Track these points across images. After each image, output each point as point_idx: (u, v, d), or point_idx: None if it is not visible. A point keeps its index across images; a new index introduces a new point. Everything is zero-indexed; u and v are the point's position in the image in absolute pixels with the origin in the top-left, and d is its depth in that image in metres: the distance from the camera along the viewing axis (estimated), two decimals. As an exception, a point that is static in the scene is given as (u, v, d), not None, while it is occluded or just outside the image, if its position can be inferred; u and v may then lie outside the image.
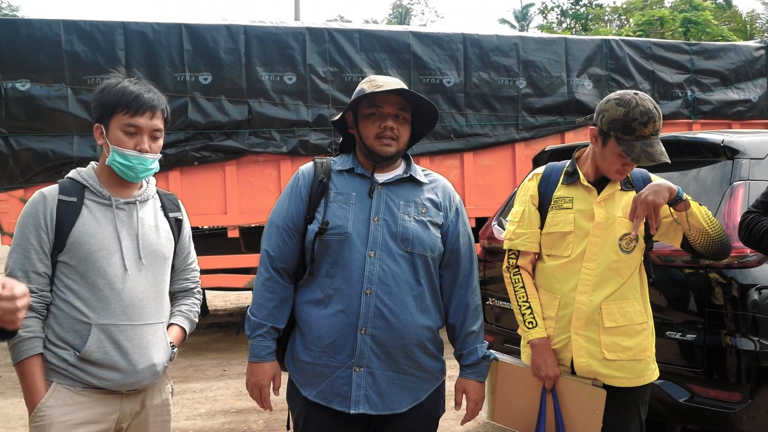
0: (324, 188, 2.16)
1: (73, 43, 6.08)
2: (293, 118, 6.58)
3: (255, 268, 6.62)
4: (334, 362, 2.09)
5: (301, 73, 6.60)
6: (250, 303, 2.24)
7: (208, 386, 5.43)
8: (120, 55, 6.17)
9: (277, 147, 6.53)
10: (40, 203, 2.00)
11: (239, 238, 6.67)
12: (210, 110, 6.38)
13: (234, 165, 6.47)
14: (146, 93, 2.06)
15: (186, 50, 6.32)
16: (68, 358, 1.96)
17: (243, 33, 6.48)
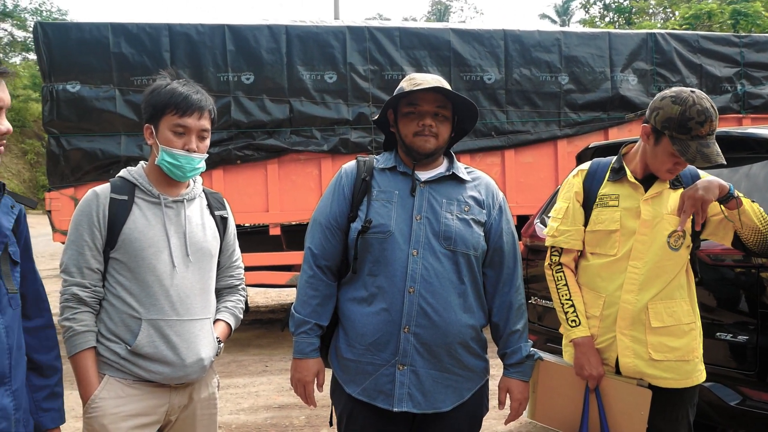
0: (367, 186, 2.17)
1: (120, 45, 6.25)
2: (334, 117, 6.63)
3: (296, 265, 6.75)
4: (377, 360, 2.10)
5: (341, 72, 6.64)
6: (291, 300, 2.26)
7: (250, 381, 5.51)
8: (165, 56, 6.32)
9: (317, 145, 6.59)
10: (93, 201, 2.06)
11: (281, 235, 6.76)
12: (252, 109, 6.48)
13: (276, 163, 6.56)
14: (194, 94, 2.11)
15: (229, 50, 6.43)
16: (120, 351, 2.02)
17: (284, 33, 6.56)
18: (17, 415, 1.62)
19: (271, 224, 6.67)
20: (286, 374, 5.71)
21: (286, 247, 6.90)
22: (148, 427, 2.04)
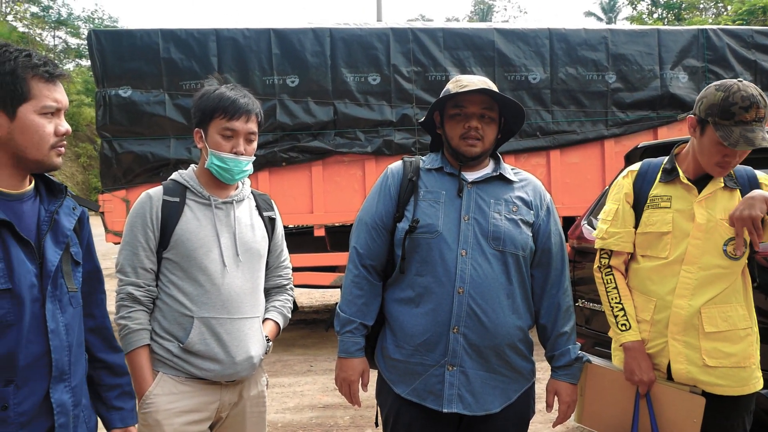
0: (413, 187, 2.18)
1: (170, 50, 6.41)
2: (378, 118, 6.67)
3: (340, 266, 6.80)
4: (427, 360, 2.10)
5: (385, 74, 6.67)
6: (335, 300, 2.29)
7: (295, 381, 5.58)
8: (213, 60, 6.45)
9: (361, 147, 6.63)
10: (147, 203, 2.12)
11: (325, 236, 6.82)
12: (297, 112, 6.56)
13: (320, 165, 6.62)
14: (242, 98, 2.15)
15: (274, 54, 6.53)
16: (173, 349, 2.07)
17: (329, 35, 6.62)
18: (75, 411, 1.68)
19: (315, 225, 6.74)
20: (331, 374, 5.76)
21: (330, 248, 6.96)
22: (199, 423, 2.10)
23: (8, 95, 1.54)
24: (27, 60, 1.56)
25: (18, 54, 1.56)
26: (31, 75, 1.56)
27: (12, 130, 1.55)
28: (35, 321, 1.58)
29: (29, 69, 1.55)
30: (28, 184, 1.67)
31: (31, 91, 1.56)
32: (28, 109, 1.56)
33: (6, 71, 1.53)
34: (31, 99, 1.56)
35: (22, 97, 1.55)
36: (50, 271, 1.61)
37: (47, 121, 1.59)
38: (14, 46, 1.60)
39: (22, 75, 1.54)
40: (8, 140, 1.56)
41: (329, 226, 6.87)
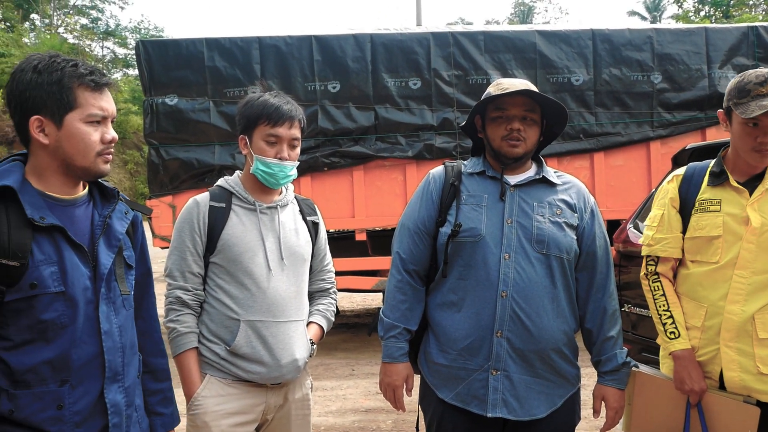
0: (455, 191, 2.18)
1: (214, 59, 6.54)
2: (418, 123, 6.67)
3: (382, 270, 6.80)
4: (470, 365, 2.10)
5: (425, 78, 6.67)
6: (376, 304, 2.30)
7: (338, 385, 5.61)
8: (256, 68, 6.56)
9: (402, 151, 6.64)
10: (194, 209, 2.17)
11: (366, 241, 6.85)
12: (338, 117, 6.62)
13: (361, 170, 6.66)
14: (285, 105, 2.19)
15: (316, 60, 6.59)
16: (220, 352, 2.11)
17: (369, 41, 6.66)
18: (128, 411, 1.73)
19: (357, 230, 6.77)
20: (373, 378, 5.78)
21: (371, 252, 6.98)
22: (246, 425, 2.13)
23: (55, 104, 1.59)
24: (73, 70, 1.61)
25: (65, 64, 1.61)
26: (77, 84, 1.60)
27: (59, 137, 1.61)
28: (89, 323, 1.63)
29: (75, 78, 1.60)
30: (81, 189, 1.72)
31: (77, 99, 1.60)
32: (74, 118, 1.60)
33: (53, 81, 1.58)
34: (77, 107, 1.60)
35: (69, 106, 1.60)
36: (103, 274, 1.67)
37: (93, 128, 1.63)
38: (63, 57, 1.65)
39: (68, 84, 1.59)
40: (56, 148, 1.61)
41: (370, 230, 6.90)
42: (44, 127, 1.60)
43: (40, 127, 1.60)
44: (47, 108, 1.59)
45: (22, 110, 1.61)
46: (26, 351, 1.57)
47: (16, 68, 1.64)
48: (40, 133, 1.61)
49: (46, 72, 1.59)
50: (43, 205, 1.60)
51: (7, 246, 1.53)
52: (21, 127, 1.63)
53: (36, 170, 1.64)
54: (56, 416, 1.58)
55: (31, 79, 1.59)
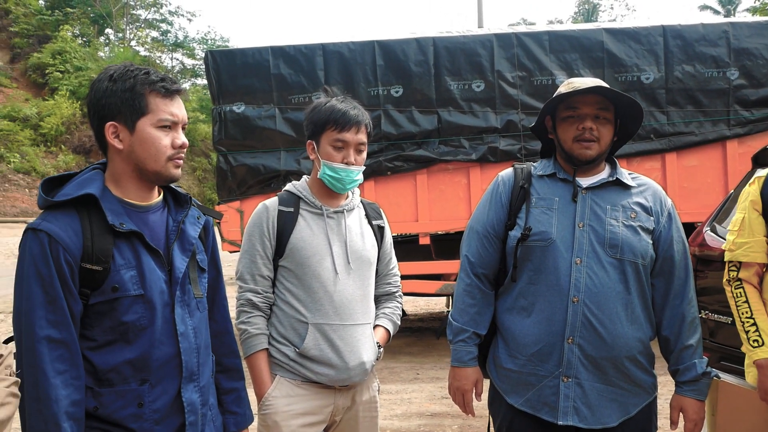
0: (525, 194, 2.14)
1: (279, 66, 6.67)
2: (482, 125, 6.61)
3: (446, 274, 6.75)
4: (541, 371, 2.05)
5: (489, 80, 6.61)
6: (439, 309, 2.28)
7: (402, 388, 5.60)
8: (320, 74, 6.65)
9: (466, 154, 6.59)
10: (264, 214, 2.21)
11: (430, 245, 6.83)
12: (401, 121, 6.63)
13: (425, 173, 6.65)
14: (352, 110, 2.20)
15: (378, 65, 6.63)
16: (289, 353, 2.15)
17: (432, 45, 6.65)
18: (203, 410, 1.78)
19: (420, 234, 6.76)
20: (438, 382, 5.75)
21: (435, 256, 6.96)
22: (315, 426, 2.15)
23: (128, 110, 1.66)
24: (145, 77, 1.67)
25: (138, 72, 1.68)
26: (149, 90, 1.66)
27: (132, 142, 1.67)
28: (166, 324, 1.69)
29: (147, 85, 1.66)
30: (156, 195, 1.79)
31: (149, 105, 1.66)
32: (145, 123, 1.66)
33: (126, 88, 1.65)
34: (148, 113, 1.66)
35: (141, 111, 1.66)
36: (178, 277, 1.72)
37: (164, 133, 1.68)
38: (136, 66, 1.72)
39: (140, 91, 1.65)
40: (130, 152, 1.68)
41: (434, 234, 6.87)
42: (118, 132, 1.67)
43: (115, 132, 1.67)
44: (121, 114, 1.66)
45: (99, 117, 1.69)
46: (109, 351, 1.63)
47: (95, 78, 1.72)
48: (115, 139, 1.67)
49: (120, 80, 1.66)
50: (122, 211, 1.67)
51: (91, 251, 1.60)
52: (99, 133, 1.71)
53: (114, 177, 1.71)
54: (137, 414, 1.64)
55: (107, 87, 1.67)
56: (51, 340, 1.54)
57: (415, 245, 6.88)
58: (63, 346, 1.55)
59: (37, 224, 1.59)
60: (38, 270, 1.56)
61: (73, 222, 1.61)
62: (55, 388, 1.52)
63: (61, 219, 1.61)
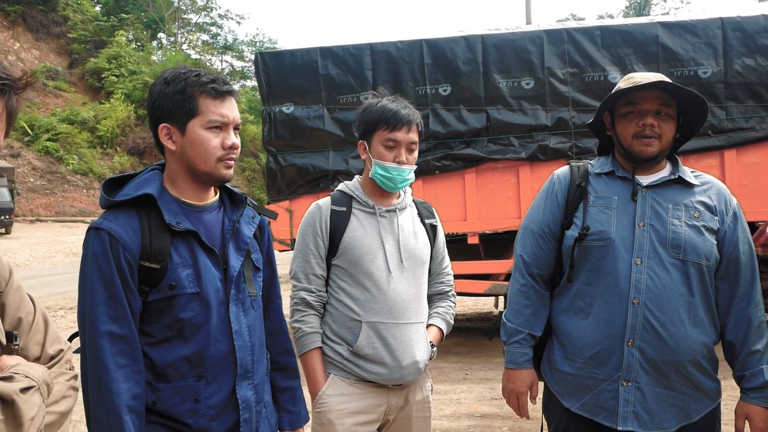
0: (582, 192, 2.09)
1: (328, 67, 6.71)
2: (532, 123, 6.51)
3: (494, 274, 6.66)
4: (599, 374, 2.00)
5: (539, 77, 6.51)
6: (487, 309, 2.25)
7: (451, 389, 5.57)
8: (368, 74, 6.66)
9: (515, 153, 6.51)
10: (317, 213, 2.23)
11: (479, 244, 6.77)
12: (449, 120, 6.59)
13: (473, 172, 6.59)
14: (403, 109, 2.19)
15: (426, 64, 6.61)
16: (342, 352, 2.15)
17: (480, 42, 6.59)
18: (258, 407, 1.80)
19: (469, 233, 6.70)
20: (487, 383, 5.69)
21: (484, 255, 6.89)
22: (368, 425, 2.16)
23: (179, 112, 1.68)
24: (196, 79, 1.69)
25: (189, 74, 1.70)
26: (199, 92, 1.68)
27: (184, 143, 1.70)
28: (221, 322, 1.71)
29: (197, 87, 1.68)
30: (212, 195, 1.81)
31: (199, 107, 1.68)
32: (195, 124, 1.69)
33: (178, 90, 1.68)
34: (198, 114, 1.68)
35: (191, 113, 1.68)
36: (233, 276, 1.74)
37: (214, 135, 1.70)
38: (188, 68, 1.74)
39: (190, 92, 1.68)
40: (182, 153, 1.71)
41: (483, 233, 6.81)
42: (171, 134, 1.70)
43: (168, 134, 1.71)
44: (173, 116, 1.69)
45: (154, 119, 1.72)
46: (167, 347, 1.67)
47: (153, 81, 1.76)
48: (168, 140, 1.71)
49: (173, 82, 1.69)
50: (178, 211, 1.70)
51: (150, 250, 1.63)
52: (155, 134, 1.74)
53: (170, 177, 1.74)
54: (193, 409, 1.67)
55: (161, 90, 1.70)
56: (112, 335, 1.58)
57: (464, 245, 6.82)
58: (124, 342, 1.59)
59: (98, 223, 1.64)
60: (100, 268, 1.60)
61: (132, 221, 1.65)
62: (117, 382, 1.56)
63: (121, 218, 1.65)
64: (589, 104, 6.40)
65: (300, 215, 6.46)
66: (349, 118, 6.63)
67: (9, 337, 1.21)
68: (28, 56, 34.16)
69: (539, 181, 6.37)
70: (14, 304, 1.28)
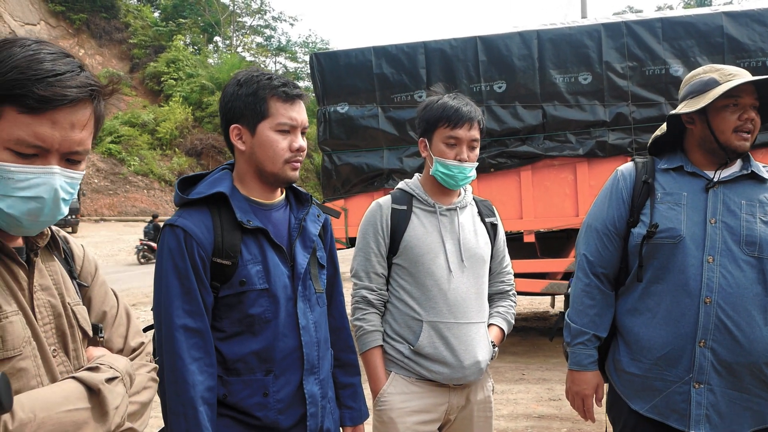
0: (649, 189, 2.03)
1: (382, 66, 6.73)
2: (589, 119, 6.37)
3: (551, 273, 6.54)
4: (669, 376, 1.95)
5: (596, 72, 6.36)
6: (543, 308, 2.22)
7: (508, 389, 5.51)
8: (422, 72, 6.65)
9: (572, 150, 6.38)
10: (378, 212, 2.24)
11: (535, 242, 6.68)
12: (505, 117, 6.51)
13: (529, 170, 6.50)
14: (464, 106, 2.18)
15: (481, 61, 6.55)
16: (404, 350, 2.16)
17: (536, 38, 6.49)
18: (323, 402, 1.82)
19: (525, 231, 6.62)
20: (544, 383, 5.62)
21: (540, 254, 6.79)
22: (429, 424, 2.15)
23: (250, 113, 1.73)
24: (268, 82, 1.73)
25: (262, 77, 1.75)
26: (270, 95, 1.72)
27: (253, 144, 1.74)
28: (289, 318, 1.75)
29: (269, 90, 1.72)
30: (279, 194, 1.85)
31: (269, 109, 1.72)
32: (265, 126, 1.73)
33: (250, 92, 1.72)
34: (268, 117, 1.73)
35: (262, 115, 1.72)
36: (300, 273, 1.78)
37: (282, 137, 1.74)
38: (260, 71, 1.79)
39: (262, 95, 1.72)
40: (251, 154, 1.75)
41: (539, 231, 6.71)
42: (241, 134, 1.75)
43: (239, 134, 1.75)
44: (244, 117, 1.74)
45: (226, 120, 1.78)
46: (237, 342, 1.71)
47: (227, 83, 1.81)
48: (238, 141, 1.75)
49: (245, 85, 1.74)
50: (248, 209, 1.74)
51: (222, 247, 1.68)
52: (226, 135, 1.80)
53: (239, 176, 1.79)
54: (262, 402, 1.71)
55: (234, 91, 1.75)
56: (187, 328, 1.63)
57: (520, 243, 6.74)
58: (198, 335, 1.64)
59: (174, 220, 1.70)
60: (175, 263, 1.66)
61: (206, 218, 1.70)
62: (192, 374, 1.61)
63: (194, 215, 1.70)
64: (650, 98, 6.23)
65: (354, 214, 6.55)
66: (403, 116, 6.64)
67: (95, 329, 1.26)
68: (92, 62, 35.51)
69: (597, 179, 6.23)
70: (99, 298, 1.34)
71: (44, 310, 1.16)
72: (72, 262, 1.31)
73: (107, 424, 1.09)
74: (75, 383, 1.09)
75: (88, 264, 1.35)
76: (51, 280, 1.20)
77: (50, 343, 1.15)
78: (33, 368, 1.09)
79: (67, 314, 1.20)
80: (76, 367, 1.18)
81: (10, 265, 1.13)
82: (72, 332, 1.20)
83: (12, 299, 1.10)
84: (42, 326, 1.14)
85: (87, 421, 1.06)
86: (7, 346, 1.06)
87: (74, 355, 1.19)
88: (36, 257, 1.18)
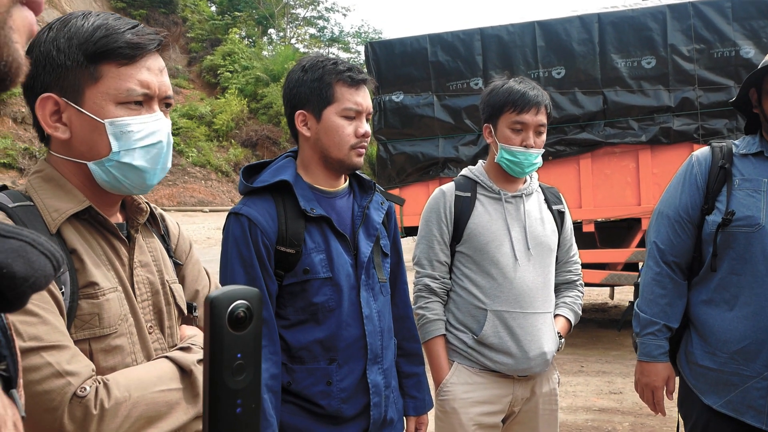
0: (726, 174, 1.94)
1: (437, 54, 6.66)
2: (653, 105, 6.15)
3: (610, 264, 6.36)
4: (746, 371, 1.87)
5: (661, 55, 6.13)
6: (602, 299, 2.14)
7: (566, 381, 5.41)
8: (478, 59, 6.55)
9: (635, 136, 6.18)
10: (441, 199, 2.21)
11: (594, 232, 6.51)
12: (563, 104, 6.35)
13: (589, 158, 6.33)
14: (531, 90, 2.13)
15: (539, 47, 6.40)
16: (467, 340, 2.13)
17: (596, 21, 6.30)
18: (386, 392, 1.82)
19: (584, 221, 6.45)
20: (604, 376, 5.49)
21: (599, 244, 6.62)
22: (493, 415, 2.12)
23: (316, 99, 1.72)
24: (333, 67, 1.72)
25: (327, 62, 1.73)
26: (336, 80, 1.71)
27: (318, 130, 1.73)
28: (352, 307, 1.74)
29: (334, 75, 1.71)
30: (343, 182, 1.84)
31: (335, 94, 1.71)
32: (331, 111, 1.72)
33: (315, 78, 1.71)
34: (334, 102, 1.71)
35: (327, 101, 1.71)
36: (363, 261, 1.77)
37: (348, 122, 1.73)
38: (325, 57, 1.77)
39: (327, 80, 1.71)
40: (316, 140, 1.74)
41: (599, 221, 6.54)
42: (307, 120, 1.75)
43: (304, 120, 1.75)
44: (310, 103, 1.73)
45: (290, 106, 1.77)
46: (301, 330, 1.72)
47: (290, 69, 1.81)
48: (303, 127, 1.75)
49: (310, 70, 1.73)
50: (312, 197, 1.74)
51: (285, 235, 1.69)
52: (290, 121, 1.79)
53: (303, 164, 1.79)
54: (326, 391, 1.71)
55: (299, 77, 1.74)
56: None
57: (579, 233, 6.56)
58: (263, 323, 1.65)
59: (238, 209, 1.71)
60: (240, 251, 1.67)
61: (270, 207, 1.71)
62: None
63: (259, 204, 1.71)
64: (718, 82, 5.96)
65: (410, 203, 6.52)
66: (459, 104, 6.56)
67: (189, 308, 1.28)
68: (151, 56, 36.38)
69: (661, 166, 6.02)
70: (192, 277, 1.35)
71: (143, 286, 1.18)
72: (168, 239, 1.32)
73: (198, 405, 1.10)
74: (168, 363, 1.11)
75: (183, 242, 1.37)
76: (151, 256, 1.22)
77: (147, 320, 1.17)
78: (128, 345, 1.11)
79: (164, 291, 1.21)
80: (170, 345, 1.20)
81: (112, 241, 1.15)
82: (168, 310, 1.21)
83: (113, 274, 1.12)
84: (140, 303, 1.16)
85: (179, 402, 1.07)
86: (103, 324, 1.08)
87: (169, 333, 1.21)
88: (136, 234, 1.20)
